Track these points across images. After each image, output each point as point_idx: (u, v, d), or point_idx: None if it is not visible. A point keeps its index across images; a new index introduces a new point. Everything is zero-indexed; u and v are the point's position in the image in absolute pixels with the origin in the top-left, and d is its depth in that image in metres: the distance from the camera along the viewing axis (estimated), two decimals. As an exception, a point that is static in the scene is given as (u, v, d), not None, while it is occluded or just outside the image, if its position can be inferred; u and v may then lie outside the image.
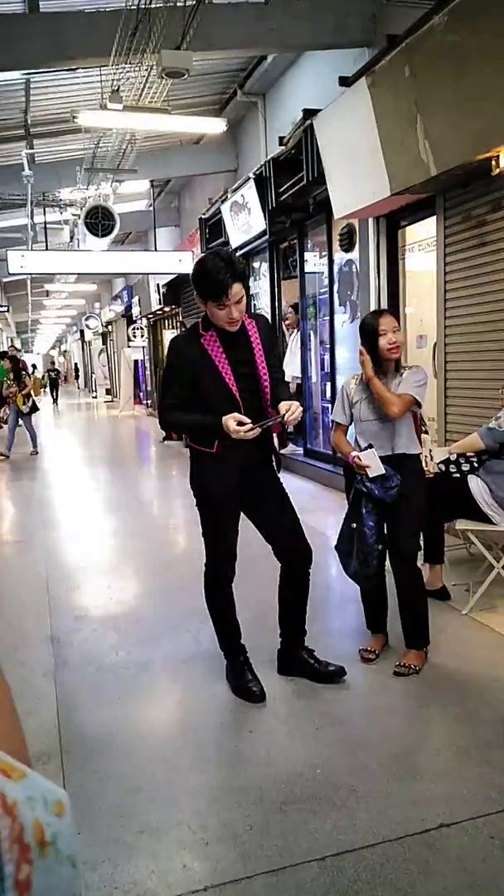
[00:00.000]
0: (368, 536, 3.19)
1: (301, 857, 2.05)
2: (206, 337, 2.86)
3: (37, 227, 12.03)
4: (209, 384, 2.83)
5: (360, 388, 3.28)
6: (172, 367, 2.98)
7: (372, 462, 3.13)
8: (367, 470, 3.13)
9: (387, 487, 3.13)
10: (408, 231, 6.27)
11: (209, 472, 2.94)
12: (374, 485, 3.14)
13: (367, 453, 3.15)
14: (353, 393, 3.30)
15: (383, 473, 3.12)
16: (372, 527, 3.20)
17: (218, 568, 3.08)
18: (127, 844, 2.14)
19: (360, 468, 3.15)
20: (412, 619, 3.23)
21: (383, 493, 3.13)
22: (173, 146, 10.75)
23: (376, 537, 3.19)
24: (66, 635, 3.79)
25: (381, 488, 3.13)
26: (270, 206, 7.73)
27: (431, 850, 2.06)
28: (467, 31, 4.01)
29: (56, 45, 5.78)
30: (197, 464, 3.01)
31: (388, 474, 3.12)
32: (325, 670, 3.14)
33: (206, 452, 2.91)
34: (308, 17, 6.11)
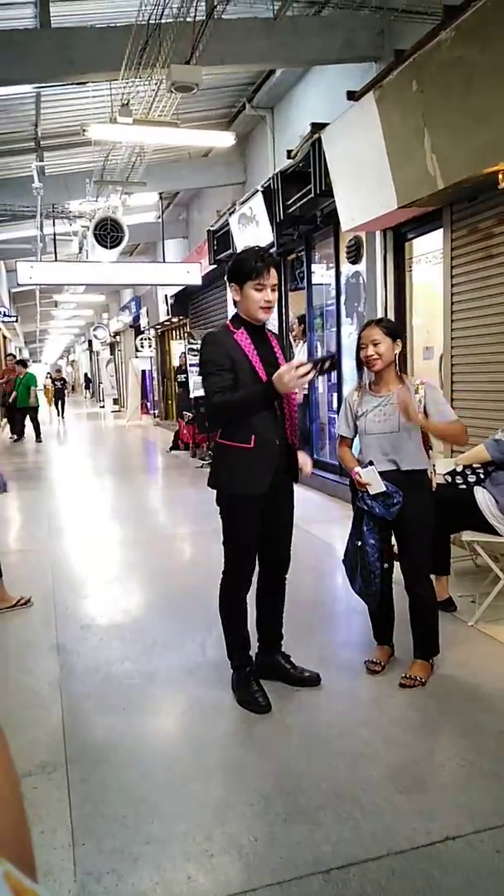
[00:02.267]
0: (370, 555, 3.14)
1: (306, 870, 2.04)
2: (238, 334, 2.92)
3: (46, 238, 12.14)
4: (244, 377, 2.86)
5: (364, 400, 3.23)
6: (212, 356, 2.90)
7: (372, 479, 3.08)
8: (368, 487, 3.09)
9: (388, 505, 3.07)
10: (415, 243, 6.30)
11: (243, 469, 2.91)
12: (376, 502, 3.09)
13: (368, 470, 3.10)
14: (357, 405, 3.24)
15: (384, 491, 3.06)
16: (374, 545, 3.15)
17: (240, 575, 3.06)
18: (131, 855, 2.13)
19: (361, 485, 3.12)
20: (423, 632, 3.21)
21: (384, 511, 3.08)
22: (182, 159, 10.84)
23: (379, 555, 3.14)
24: (72, 644, 3.80)
25: (382, 506, 3.08)
26: (278, 218, 7.78)
27: (437, 864, 2.05)
28: (474, 46, 4.04)
29: (67, 59, 5.85)
30: (229, 461, 2.94)
31: (389, 491, 3.06)
32: (300, 675, 3.18)
33: (242, 449, 2.88)
34: (316, 33, 6.17)
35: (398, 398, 3.07)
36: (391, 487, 3.07)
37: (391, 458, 3.13)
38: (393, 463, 3.12)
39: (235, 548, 3.03)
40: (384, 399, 3.16)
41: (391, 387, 3.17)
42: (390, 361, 3.15)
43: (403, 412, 3.01)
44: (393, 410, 3.10)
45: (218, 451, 3.03)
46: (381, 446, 3.15)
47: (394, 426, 3.10)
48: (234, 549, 3.04)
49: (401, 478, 3.11)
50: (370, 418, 3.16)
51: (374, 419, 3.15)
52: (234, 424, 2.91)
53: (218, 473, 3.00)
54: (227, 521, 3.03)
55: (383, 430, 3.13)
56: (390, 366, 3.17)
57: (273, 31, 6.03)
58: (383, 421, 3.13)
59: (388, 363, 3.15)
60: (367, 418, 3.17)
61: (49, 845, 2.18)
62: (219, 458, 3.02)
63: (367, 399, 3.22)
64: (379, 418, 3.14)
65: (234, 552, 3.04)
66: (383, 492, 3.07)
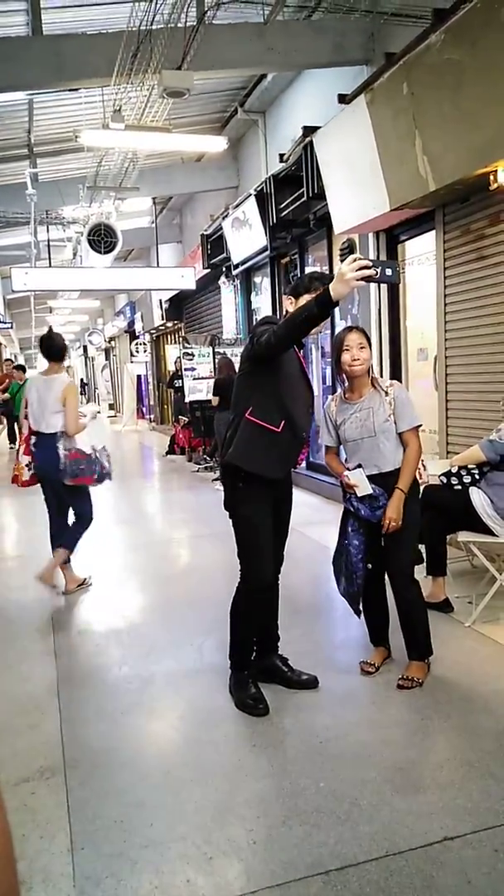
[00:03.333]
0: (353, 555, 3.20)
1: (305, 872, 2.04)
2: None
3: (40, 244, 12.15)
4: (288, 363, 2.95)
5: (340, 409, 3.28)
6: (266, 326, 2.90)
7: (360, 482, 3.13)
8: (356, 489, 3.14)
9: (374, 507, 3.13)
10: (408, 245, 6.32)
11: (272, 450, 2.95)
12: (362, 504, 3.15)
13: (355, 473, 3.15)
14: (336, 414, 3.29)
15: (371, 493, 3.12)
16: (357, 546, 3.20)
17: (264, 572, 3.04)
18: (130, 859, 2.13)
19: (349, 487, 3.17)
20: (412, 633, 3.23)
21: (369, 514, 3.14)
22: (175, 164, 10.87)
23: (362, 556, 3.19)
24: (69, 650, 3.79)
25: (368, 508, 3.14)
26: (271, 221, 7.80)
27: (435, 864, 2.05)
28: (464, 48, 4.06)
29: (59, 66, 5.86)
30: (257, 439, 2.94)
31: (375, 494, 3.12)
32: (297, 678, 3.19)
33: (268, 430, 2.91)
34: (307, 37, 6.19)
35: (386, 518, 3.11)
36: (377, 490, 3.12)
37: (372, 462, 3.17)
38: (375, 467, 3.17)
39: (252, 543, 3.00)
40: (358, 405, 3.21)
41: (364, 392, 3.22)
42: (368, 367, 3.20)
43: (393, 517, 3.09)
44: (367, 416, 3.16)
45: (245, 427, 2.97)
46: (360, 452, 3.20)
47: (370, 430, 3.15)
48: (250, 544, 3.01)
49: (384, 480, 3.15)
50: (348, 426, 3.21)
51: (351, 426, 3.20)
52: (268, 405, 2.92)
53: (241, 450, 2.96)
54: (241, 509, 3.01)
55: (361, 436, 3.18)
56: (365, 372, 3.20)
57: (264, 35, 6.06)
58: (360, 426, 3.18)
59: (367, 369, 3.20)
60: (346, 426, 3.22)
61: (48, 850, 2.18)
62: (243, 434, 2.97)
63: (343, 408, 3.27)
64: (356, 425, 3.19)
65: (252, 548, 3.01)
66: (369, 494, 3.13)
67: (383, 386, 3.23)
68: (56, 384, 4.59)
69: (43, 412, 4.56)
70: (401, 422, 3.16)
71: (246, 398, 2.97)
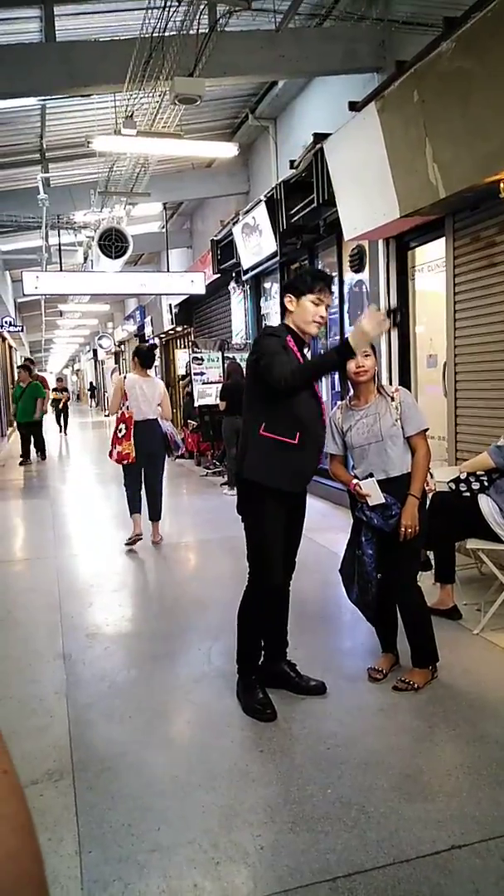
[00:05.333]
0: (367, 564, 3.19)
1: (311, 878, 2.04)
2: (287, 340, 3.00)
3: (51, 248, 12.22)
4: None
5: (347, 416, 3.29)
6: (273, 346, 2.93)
7: (372, 491, 3.13)
8: (368, 499, 3.14)
9: (386, 517, 3.13)
10: (417, 252, 6.32)
11: (291, 463, 2.96)
12: (374, 513, 3.15)
13: (368, 482, 3.15)
14: (342, 421, 3.30)
15: (384, 502, 3.12)
16: (371, 555, 3.19)
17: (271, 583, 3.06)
18: (138, 863, 2.14)
19: (361, 497, 3.17)
20: (416, 639, 3.24)
21: (382, 523, 3.14)
22: (186, 169, 10.91)
23: (375, 565, 3.18)
24: (78, 653, 3.81)
25: (380, 517, 3.14)
26: (281, 227, 7.82)
27: (443, 872, 2.05)
28: (475, 56, 4.07)
29: (71, 72, 5.91)
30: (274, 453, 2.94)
31: (388, 503, 3.12)
32: (305, 684, 3.19)
33: (286, 444, 2.92)
34: (318, 44, 6.22)
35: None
36: (390, 499, 3.13)
37: (380, 467, 3.18)
38: (383, 472, 3.18)
39: (264, 547, 3.02)
40: (364, 411, 3.23)
41: (370, 398, 3.24)
42: (374, 374, 3.22)
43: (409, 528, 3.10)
44: (374, 421, 3.17)
45: (260, 443, 2.97)
46: (368, 457, 3.21)
47: (377, 435, 3.16)
48: (262, 548, 3.02)
49: (392, 485, 3.16)
50: (355, 431, 3.22)
51: (358, 431, 3.21)
52: (281, 418, 2.93)
53: (256, 465, 2.97)
54: (254, 516, 3.02)
55: (368, 441, 3.19)
56: (371, 379, 3.22)
57: (275, 42, 6.09)
58: (367, 431, 3.19)
59: (372, 376, 3.22)
60: (353, 432, 3.23)
61: (56, 853, 2.19)
62: (259, 449, 2.97)
63: (348, 414, 3.29)
64: (362, 430, 3.20)
65: (265, 561, 3.03)
66: (382, 503, 3.13)
67: (389, 392, 3.24)
68: (156, 384, 6.28)
69: (150, 404, 6.05)
70: (408, 426, 3.17)
71: (257, 412, 2.98)
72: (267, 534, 3.00)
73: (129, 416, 5.97)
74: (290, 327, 3.06)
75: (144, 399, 6.03)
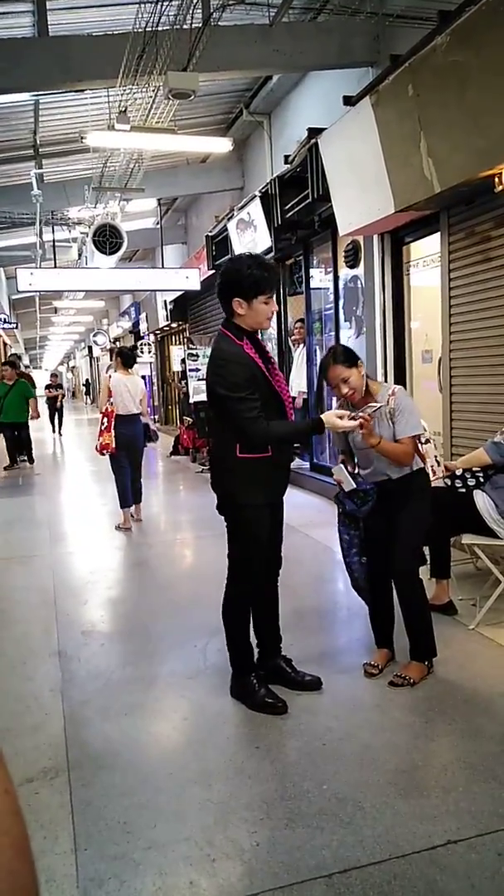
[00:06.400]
0: (346, 549, 3.30)
1: (307, 875, 2.04)
2: (244, 344, 2.92)
3: (45, 245, 12.17)
4: (262, 392, 2.89)
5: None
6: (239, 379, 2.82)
7: (343, 477, 3.16)
8: (342, 485, 3.18)
9: (358, 503, 3.16)
10: (412, 247, 6.31)
11: (266, 479, 2.96)
12: (348, 500, 3.20)
13: (338, 468, 3.19)
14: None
15: (356, 488, 3.15)
16: (349, 540, 3.27)
17: (253, 583, 3.08)
18: (133, 861, 2.13)
19: (337, 482, 3.22)
20: (415, 633, 3.24)
21: (354, 508, 3.18)
22: (180, 165, 10.88)
23: (355, 550, 3.27)
24: (73, 650, 3.80)
25: (351, 503, 3.18)
26: (276, 223, 7.80)
27: (439, 868, 2.05)
28: (469, 49, 4.06)
29: (64, 67, 5.88)
30: (254, 473, 2.91)
31: (362, 488, 3.15)
32: (301, 679, 3.18)
33: (264, 458, 2.91)
34: (312, 38, 6.20)
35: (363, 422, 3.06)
36: (364, 484, 3.16)
37: (381, 470, 3.19)
38: (384, 475, 3.19)
39: (250, 557, 3.03)
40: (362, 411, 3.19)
41: (367, 400, 3.21)
42: (363, 385, 3.19)
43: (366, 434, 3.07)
44: (374, 425, 3.13)
45: (239, 465, 2.93)
46: (369, 458, 3.21)
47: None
48: (248, 558, 3.03)
49: (394, 486, 3.17)
50: (355, 434, 3.19)
51: (358, 435, 3.18)
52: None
53: (240, 487, 2.95)
54: (243, 530, 3.01)
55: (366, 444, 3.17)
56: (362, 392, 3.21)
57: (269, 37, 6.07)
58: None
59: (363, 388, 3.19)
60: (354, 434, 3.20)
61: (51, 851, 2.18)
62: (239, 471, 2.94)
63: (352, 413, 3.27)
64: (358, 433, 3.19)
65: (249, 562, 3.04)
66: (354, 489, 3.17)
67: (385, 395, 3.20)
68: (138, 381, 6.98)
69: (134, 400, 6.66)
70: (399, 427, 3.15)
71: (230, 436, 2.91)
72: (250, 539, 3.01)
73: (111, 411, 6.51)
74: (243, 328, 2.94)
75: (129, 396, 6.64)
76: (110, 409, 6.51)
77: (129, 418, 6.62)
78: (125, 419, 6.57)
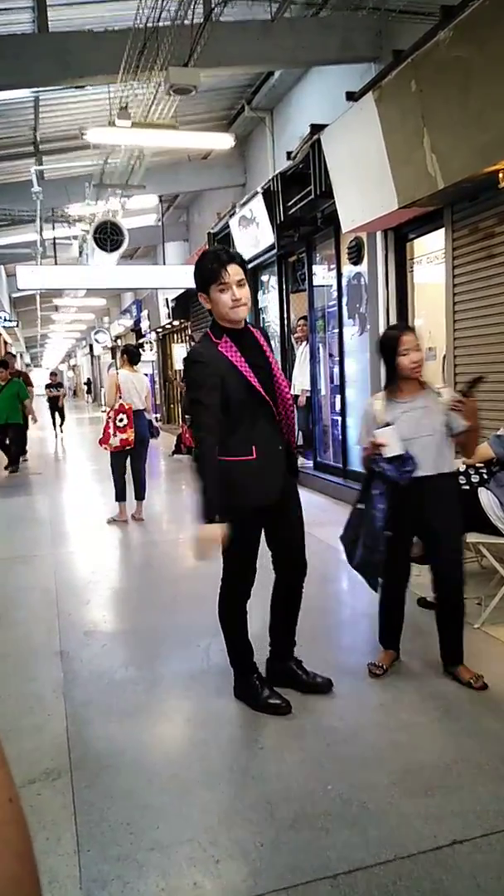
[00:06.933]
0: (377, 520, 3.02)
1: (312, 875, 2.02)
2: (222, 343, 2.83)
3: (46, 242, 12.15)
4: (236, 389, 2.78)
5: (390, 408, 3.14)
6: (198, 379, 2.81)
7: (390, 439, 2.97)
8: (384, 449, 2.97)
9: (402, 470, 2.97)
10: (416, 244, 6.29)
11: (251, 479, 2.84)
12: (390, 465, 2.98)
13: (386, 430, 2.98)
14: (381, 414, 3.13)
15: (401, 454, 2.97)
16: (382, 510, 3.02)
17: (240, 584, 3.03)
18: (136, 862, 2.12)
19: (377, 447, 3.00)
20: (457, 630, 3.17)
21: (398, 475, 2.97)
22: (181, 161, 10.84)
23: (384, 523, 3.02)
24: (75, 651, 3.78)
25: (395, 469, 2.97)
26: (278, 219, 7.77)
27: (444, 868, 2.03)
28: (473, 45, 4.03)
29: (65, 63, 5.85)
30: (233, 475, 2.85)
31: (406, 456, 2.97)
32: (312, 681, 3.14)
33: (244, 461, 2.82)
34: (314, 34, 6.17)
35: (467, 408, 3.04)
36: (408, 452, 2.98)
37: (429, 461, 3.05)
38: (433, 468, 3.06)
39: (238, 558, 2.97)
40: (409, 403, 3.11)
41: (415, 392, 3.13)
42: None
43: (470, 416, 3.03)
44: (423, 414, 3.07)
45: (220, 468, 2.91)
46: (413, 450, 3.03)
47: (428, 429, 3.06)
48: (236, 559, 2.98)
49: (436, 482, 3.06)
50: (400, 424, 3.05)
51: (404, 424, 3.05)
52: (232, 438, 2.83)
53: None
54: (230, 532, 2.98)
55: (417, 434, 3.04)
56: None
57: (271, 32, 6.04)
58: (416, 424, 3.06)
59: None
60: (400, 425, 3.06)
61: (54, 852, 2.17)
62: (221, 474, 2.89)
63: (392, 405, 3.13)
64: (410, 423, 3.06)
65: (237, 563, 2.99)
66: (399, 455, 2.97)
67: (434, 388, 3.15)
68: (142, 378, 7.12)
69: (140, 396, 6.82)
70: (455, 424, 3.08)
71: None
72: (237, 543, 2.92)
73: (129, 407, 6.68)
74: (221, 325, 2.88)
75: (135, 392, 6.81)
76: (127, 406, 6.66)
77: (136, 414, 6.79)
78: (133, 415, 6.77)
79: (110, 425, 6.70)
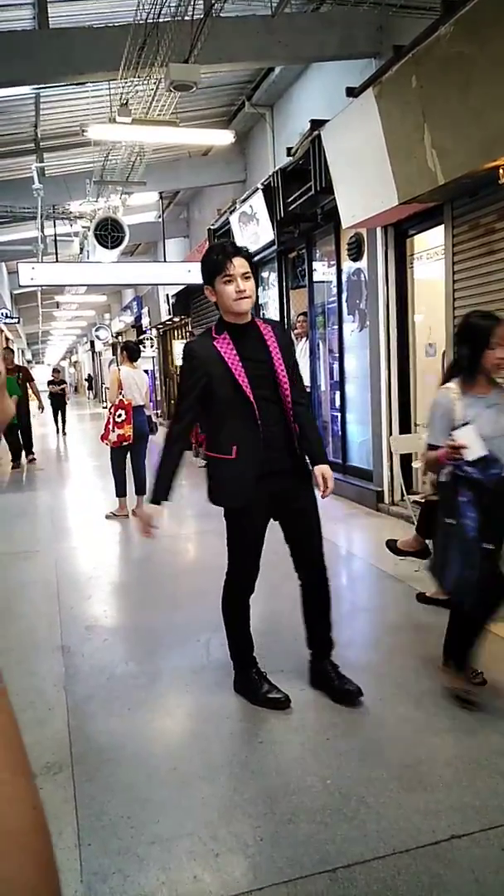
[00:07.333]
0: (469, 530, 2.70)
1: (311, 869, 2.04)
2: (219, 339, 2.83)
3: (47, 239, 12.13)
4: (221, 386, 2.79)
5: (472, 403, 2.89)
6: (186, 374, 2.90)
7: (471, 441, 2.70)
8: (465, 451, 2.70)
9: (489, 473, 2.70)
10: (416, 240, 6.28)
11: (228, 479, 2.88)
12: (474, 469, 2.71)
13: (466, 430, 2.72)
14: (461, 409, 2.87)
15: (485, 456, 2.70)
16: (474, 518, 2.70)
17: (242, 580, 3.05)
18: (137, 855, 2.13)
19: (456, 450, 2.72)
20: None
21: (485, 476, 2.69)
22: (182, 158, 10.83)
23: (478, 533, 2.69)
24: (76, 645, 3.80)
25: (481, 472, 2.70)
26: (279, 216, 7.76)
27: (443, 862, 2.05)
28: (473, 40, 4.02)
29: (65, 59, 5.85)
30: (215, 472, 2.92)
31: (490, 458, 2.71)
32: (341, 687, 3.04)
33: (225, 460, 2.85)
34: (315, 29, 6.16)
35: None
36: (492, 454, 2.72)
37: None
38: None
39: (236, 555, 3.02)
40: (486, 400, 2.90)
41: (489, 388, 2.93)
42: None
43: None
44: (498, 412, 2.88)
45: (208, 462, 2.99)
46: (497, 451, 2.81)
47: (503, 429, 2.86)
48: (234, 556, 3.03)
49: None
50: (484, 422, 2.83)
51: (483, 422, 2.82)
52: (216, 435, 2.90)
53: (209, 486, 2.95)
54: (228, 528, 3.01)
55: (495, 434, 2.83)
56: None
57: (271, 28, 6.02)
58: (494, 423, 2.85)
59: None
60: (481, 422, 2.82)
61: (55, 845, 2.15)
62: (209, 469, 2.97)
63: (471, 401, 2.89)
64: (489, 422, 2.84)
65: (236, 559, 3.03)
66: (482, 456, 2.70)
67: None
68: (142, 374, 7.29)
69: (141, 392, 6.97)
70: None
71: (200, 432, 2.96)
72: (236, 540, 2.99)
73: (129, 402, 6.80)
74: (225, 320, 2.88)
75: (137, 388, 6.96)
76: (126, 402, 6.78)
77: (136, 410, 6.92)
78: (133, 410, 6.90)
79: (110, 421, 6.83)
